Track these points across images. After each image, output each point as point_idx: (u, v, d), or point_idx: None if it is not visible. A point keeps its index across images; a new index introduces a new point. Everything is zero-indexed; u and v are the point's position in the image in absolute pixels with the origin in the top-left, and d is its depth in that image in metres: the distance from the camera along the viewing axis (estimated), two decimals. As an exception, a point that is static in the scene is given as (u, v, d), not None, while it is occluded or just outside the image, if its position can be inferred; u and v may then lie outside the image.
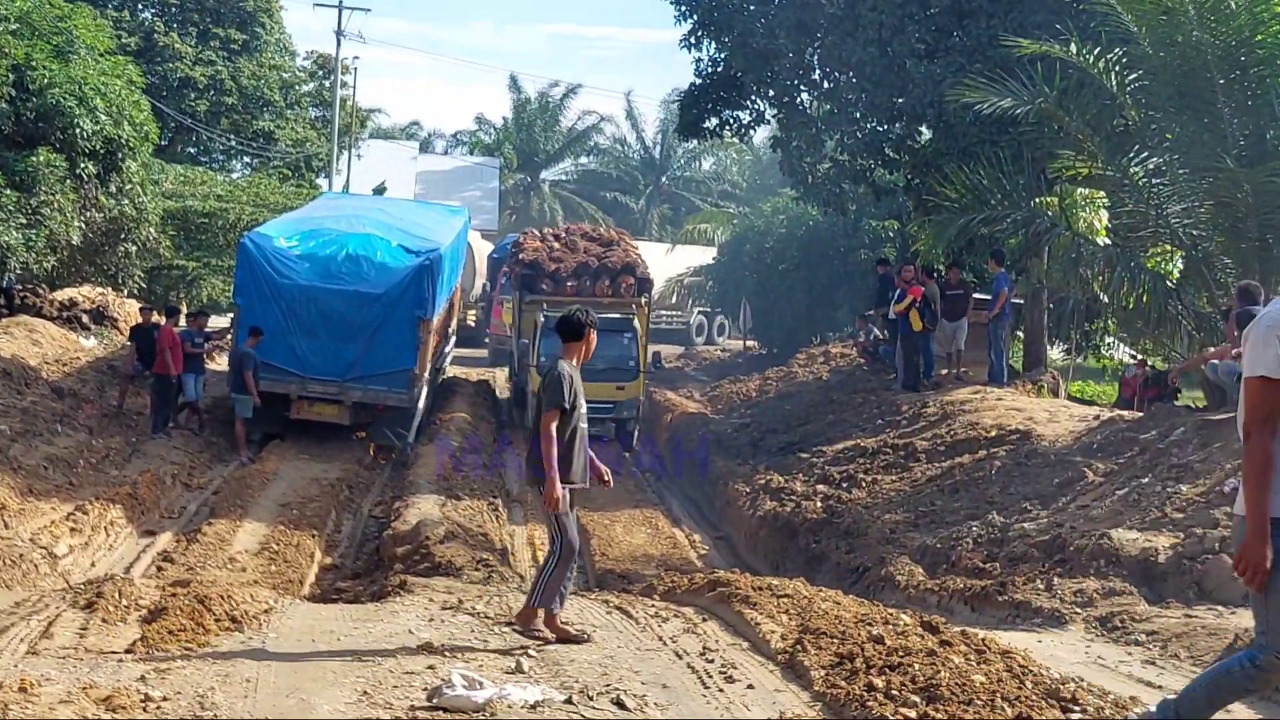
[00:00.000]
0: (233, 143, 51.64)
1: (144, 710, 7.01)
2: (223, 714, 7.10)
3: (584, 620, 10.39)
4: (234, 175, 52.51)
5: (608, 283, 25.97)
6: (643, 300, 26.45)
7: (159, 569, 14.91)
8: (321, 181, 55.15)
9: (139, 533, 16.91)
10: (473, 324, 40.70)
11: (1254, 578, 5.67)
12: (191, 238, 37.98)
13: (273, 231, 24.01)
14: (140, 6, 51.06)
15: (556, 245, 27.77)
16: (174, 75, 48.22)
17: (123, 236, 31.05)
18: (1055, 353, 33.32)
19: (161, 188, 37.21)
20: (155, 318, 23.88)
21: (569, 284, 25.86)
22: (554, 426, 8.82)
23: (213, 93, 49.50)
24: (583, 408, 9.19)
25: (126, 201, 30.29)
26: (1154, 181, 19.79)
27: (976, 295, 24.96)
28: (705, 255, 51.29)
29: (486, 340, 40.27)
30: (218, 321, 31.96)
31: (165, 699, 7.23)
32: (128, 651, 8.49)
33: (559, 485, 8.81)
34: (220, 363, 26.66)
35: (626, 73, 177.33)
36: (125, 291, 32.46)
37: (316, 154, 54.30)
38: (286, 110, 53.51)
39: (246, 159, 54.81)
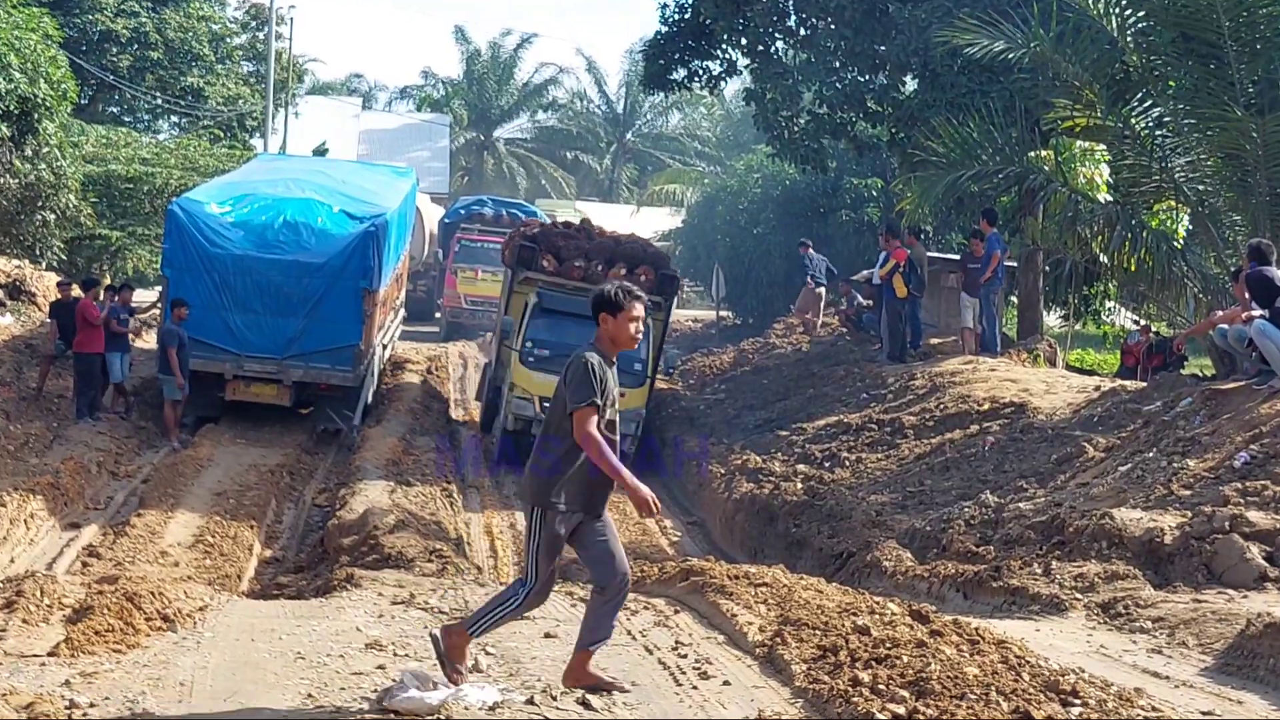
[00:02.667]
0: (159, 101, 51.28)
1: (69, 717, 6.98)
2: (155, 721, 7.08)
3: (545, 614, 10.39)
4: (161, 136, 52.23)
5: (623, 272, 22.81)
6: (662, 300, 23.36)
7: (84, 565, 14.84)
8: (256, 142, 54.86)
9: (62, 525, 16.82)
10: (423, 295, 40.55)
11: None
12: (115, 205, 37.68)
13: (204, 197, 23.84)
14: (55, -48, 50.65)
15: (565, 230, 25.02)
16: (94, 28, 47.83)
17: (40, 204, 30.78)
18: (1052, 319, 33.45)
19: (81, 151, 36.94)
20: (76, 292, 23.70)
21: (576, 265, 23.12)
22: (594, 426, 7.63)
23: (136, 46, 49.14)
24: (612, 413, 8.03)
25: (43, 166, 30.02)
26: (1157, 132, 19.85)
27: (939, 256, 25.05)
28: (674, 218, 51.26)
29: (439, 314, 40.17)
30: (145, 295, 31.75)
31: (92, 705, 7.20)
32: (51, 654, 8.45)
33: (634, 481, 7.74)
34: (149, 340, 26.50)
35: (586, 21, 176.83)
36: (43, 264, 32.17)
37: (250, 112, 53.99)
38: (217, 65, 53.18)
39: (174, 119, 54.47)
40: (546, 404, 20.53)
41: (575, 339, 21.20)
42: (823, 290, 31.26)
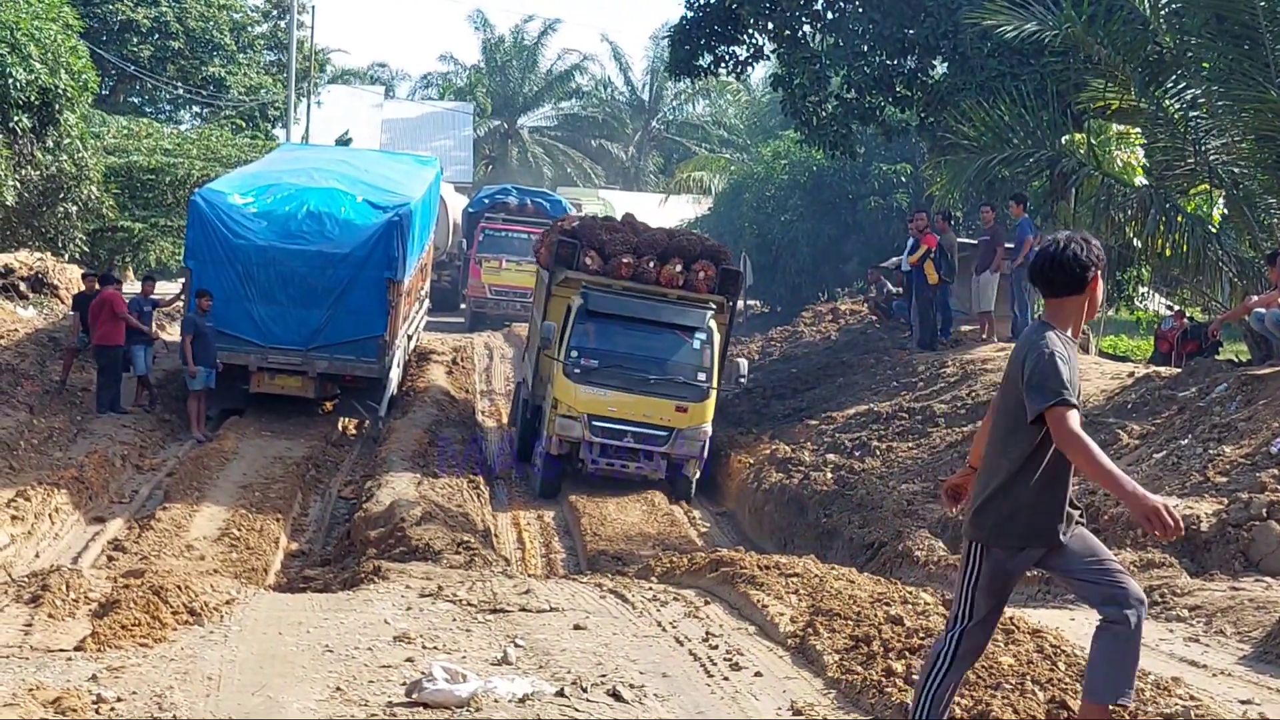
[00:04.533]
0: (180, 91, 51.45)
1: (96, 712, 7.01)
2: (182, 714, 7.10)
3: (575, 605, 10.41)
4: (182, 127, 52.37)
5: (679, 268, 20.57)
6: (725, 300, 21.23)
7: (110, 559, 14.89)
8: (279, 132, 54.99)
9: (87, 520, 16.88)
10: (448, 285, 40.60)
11: None
12: (137, 196, 37.83)
13: (226, 188, 23.87)
14: (75, -57, 50.81)
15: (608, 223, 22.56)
16: (114, 18, 47.98)
17: (62, 196, 30.92)
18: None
19: (103, 142, 37.09)
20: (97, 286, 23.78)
21: (624, 261, 20.58)
22: (1078, 423, 5.74)
23: (157, 36, 49.30)
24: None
25: (65, 157, 30.15)
26: (1190, 115, 19.75)
27: (969, 242, 24.90)
28: (700, 206, 51.16)
29: (463, 304, 40.21)
30: (168, 287, 31.86)
31: (119, 700, 7.23)
32: (77, 649, 8.49)
33: (1137, 490, 5.71)
34: (172, 333, 26.59)
35: (611, 6, 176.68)
36: (66, 256, 32.30)
37: (272, 102, 54.09)
38: (239, 54, 53.31)
39: (196, 109, 54.66)
40: (597, 423, 19.89)
41: (627, 345, 20.48)
42: None
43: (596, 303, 20.40)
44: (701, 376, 20.19)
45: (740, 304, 37.65)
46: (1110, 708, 5.95)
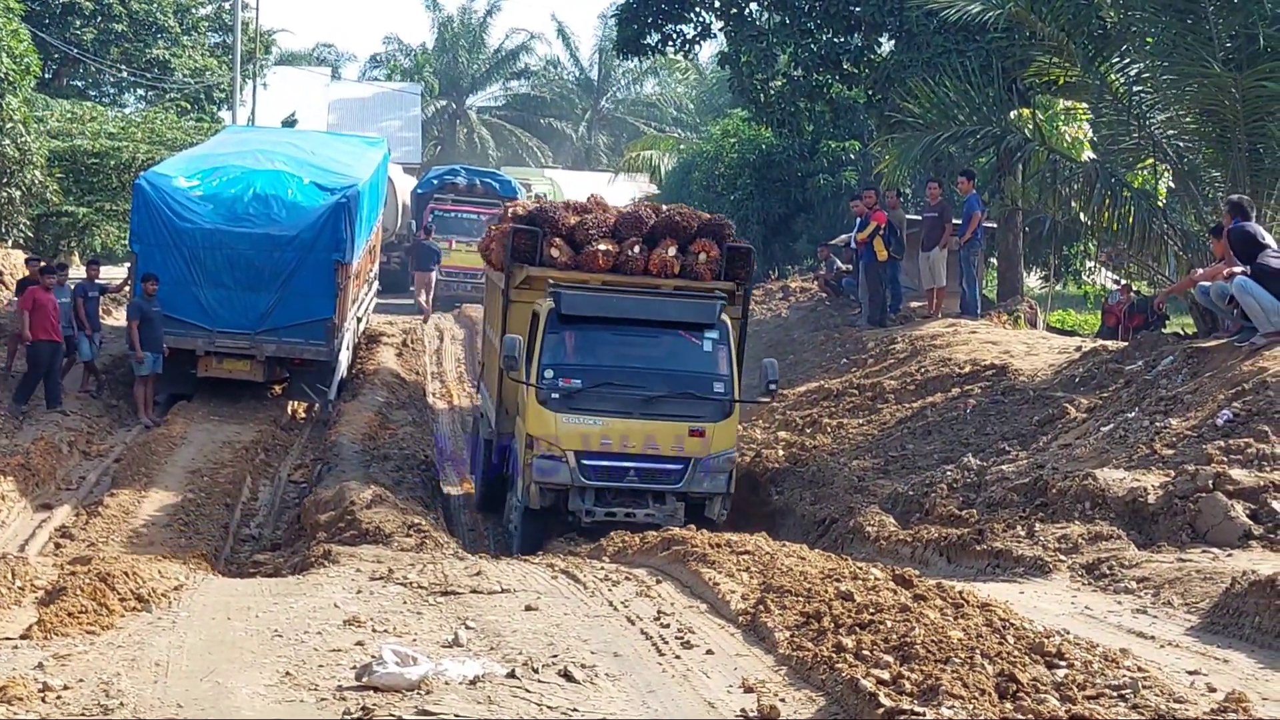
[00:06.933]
0: (124, 74, 50.94)
1: (43, 700, 6.96)
2: (130, 702, 7.06)
3: (526, 586, 10.40)
4: (127, 110, 51.81)
5: (673, 251, 16.56)
6: (736, 287, 17.05)
7: (57, 546, 14.82)
8: (224, 114, 54.48)
9: (33, 506, 16.77)
10: (397, 267, 40.42)
11: None
12: (82, 180, 37.40)
13: (171, 171, 23.70)
14: (15, -76, 50.21)
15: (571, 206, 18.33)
16: (56, 1, 47.42)
17: (5, 181, 30.55)
18: (1032, 280, 33.50)
19: (46, 126, 36.64)
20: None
21: (600, 249, 16.48)
22: None
23: (100, 19, 48.74)
24: None
25: (8, 142, 29.77)
26: (1135, 90, 19.85)
27: (917, 218, 25.03)
28: (650, 185, 51.07)
29: (413, 286, 40.04)
30: (114, 272, 31.59)
31: (66, 687, 7.18)
32: (24, 637, 8.44)
33: None
34: (119, 318, 26.37)
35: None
36: (9, 242, 31.96)
37: (218, 84, 53.62)
38: (183, 36, 52.78)
39: (140, 92, 54.09)
40: (589, 461, 15.23)
41: (617, 356, 16.16)
42: None
43: (571, 304, 16.02)
44: (719, 387, 16.03)
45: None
46: None
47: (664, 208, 17.71)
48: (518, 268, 16.94)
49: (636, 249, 16.53)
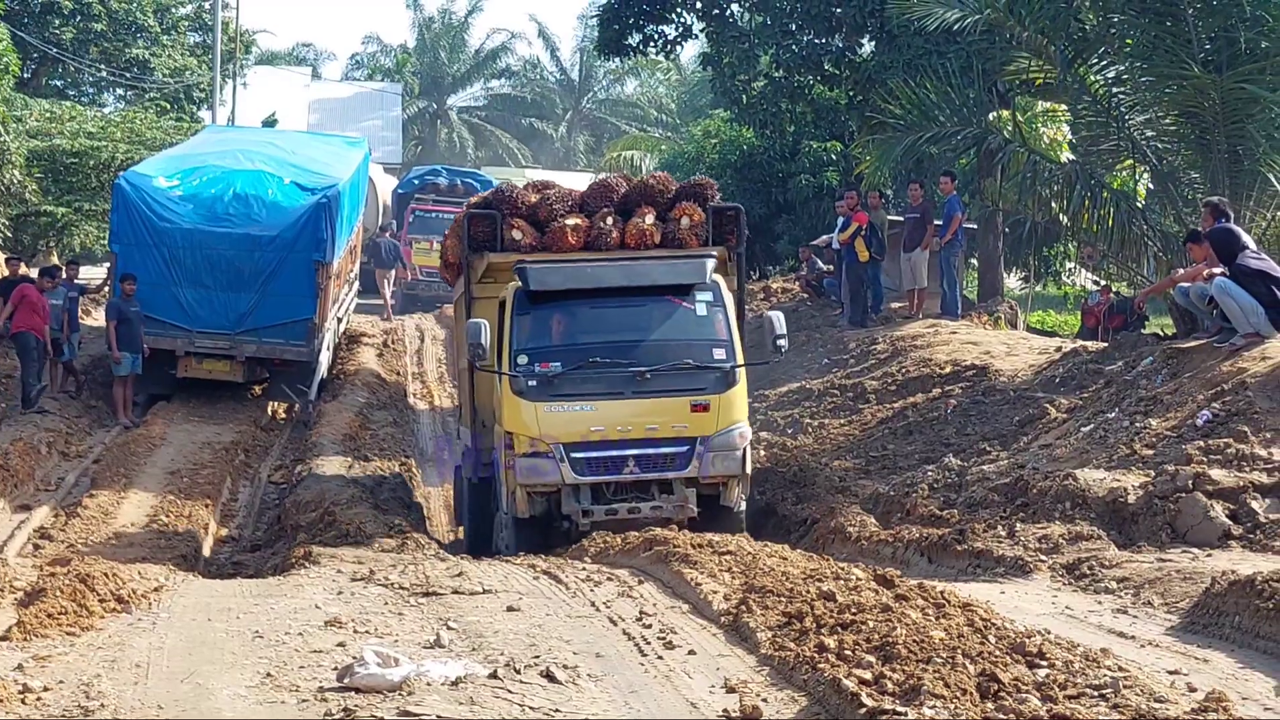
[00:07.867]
0: (104, 74, 50.79)
1: (23, 702, 6.94)
2: (110, 703, 7.04)
3: (508, 587, 10.40)
4: (106, 110, 51.62)
5: (651, 219, 14.96)
6: (727, 249, 15.42)
7: (36, 547, 14.75)
8: (204, 114, 54.33)
9: (12, 508, 16.68)
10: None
11: None
12: (61, 180, 37.31)
13: (151, 170, 23.66)
14: (-7, -77, 50.05)
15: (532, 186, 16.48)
16: (35, 0, 47.26)
17: (-17, 180, 30.51)
18: (1012, 281, 33.55)
19: (25, 125, 36.52)
20: (24, 270, 23.44)
21: (568, 225, 14.97)
22: None
23: (79, 18, 48.58)
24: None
25: (-14, 141, 29.73)
26: (1114, 91, 19.89)
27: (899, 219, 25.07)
28: (631, 185, 50.98)
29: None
30: (94, 272, 31.52)
31: (46, 689, 7.16)
32: (3, 639, 8.41)
33: None
34: (97, 319, 26.30)
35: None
36: (-12, 242, 31.92)
37: (198, 84, 53.50)
38: (163, 36, 52.63)
39: (120, 91, 53.93)
40: (580, 454, 13.42)
41: (599, 331, 14.56)
42: None
43: (540, 278, 14.44)
44: (720, 353, 14.39)
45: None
46: None
47: (634, 179, 16.29)
48: (477, 258, 15.27)
49: (609, 220, 14.90)
